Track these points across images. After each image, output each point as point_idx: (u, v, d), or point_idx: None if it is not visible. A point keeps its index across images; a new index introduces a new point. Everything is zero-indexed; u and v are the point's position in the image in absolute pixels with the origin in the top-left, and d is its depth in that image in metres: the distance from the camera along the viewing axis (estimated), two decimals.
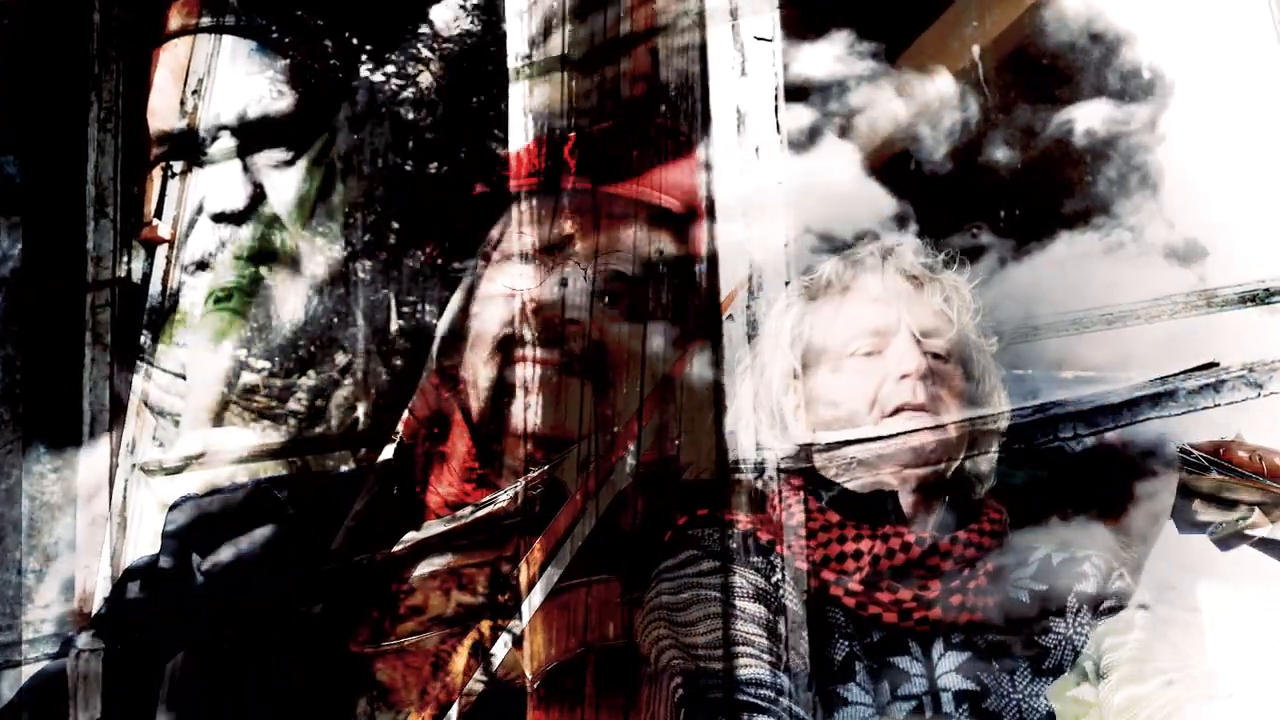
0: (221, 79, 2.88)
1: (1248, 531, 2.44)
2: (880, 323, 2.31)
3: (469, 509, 2.41)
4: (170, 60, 2.87)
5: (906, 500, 2.27)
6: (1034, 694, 2.24)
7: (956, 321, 2.33)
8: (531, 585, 2.26)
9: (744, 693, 2.14)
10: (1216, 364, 2.26)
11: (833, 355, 2.32)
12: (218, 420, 2.90)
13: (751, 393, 2.34)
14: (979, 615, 2.26)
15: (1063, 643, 2.28)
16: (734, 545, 2.25)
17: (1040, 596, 2.30)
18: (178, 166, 2.83)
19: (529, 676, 2.26)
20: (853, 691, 2.19)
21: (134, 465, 2.74)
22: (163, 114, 2.86)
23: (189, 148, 2.85)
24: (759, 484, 2.29)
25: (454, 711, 2.26)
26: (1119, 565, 2.34)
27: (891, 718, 2.19)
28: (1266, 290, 2.35)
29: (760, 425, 2.33)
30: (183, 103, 2.85)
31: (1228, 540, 2.45)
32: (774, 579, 2.24)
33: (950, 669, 2.23)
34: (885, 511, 2.26)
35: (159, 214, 2.81)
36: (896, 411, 2.27)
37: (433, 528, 2.42)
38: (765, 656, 2.17)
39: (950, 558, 2.25)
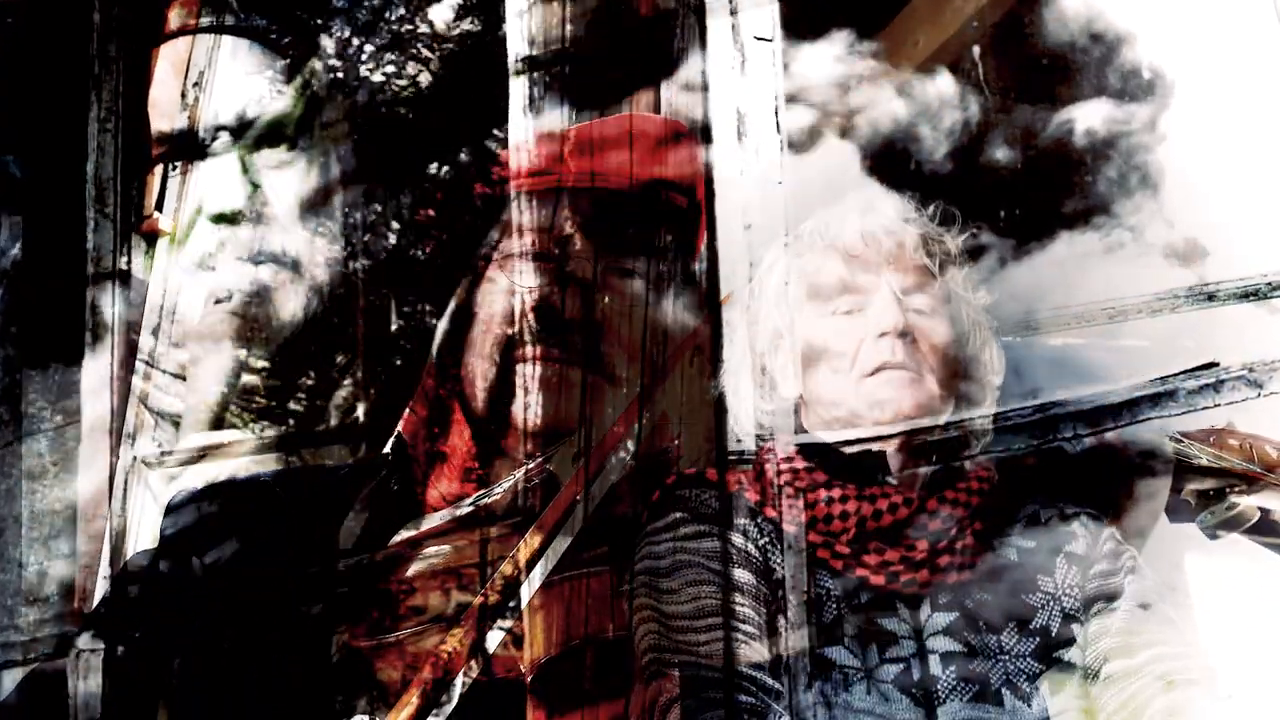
0: (222, 72, 2.88)
1: (1238, 519, 2.44)
2: (861, 280, 2.29)
3: (467, 502, 2.41)
4: (171, 53, 2.87)
5: (893, 460, 2.26)
6: (1021, 655, 2.23)
7: (939, 276, 2.32)
8: (528, 577, 2.26)
9: (738, 674, 2.13)
10: (1216, 364, 2.25)
11: (822, 339, 2.31)
12: (218, 422, 2.90)
13: (745, 367, 2.34)
14: (966, 575, 2.24)
15: (1050, 602, 2.26)
16: (722, 506, 2.24)
17: (1028, 554, 2.29)
18: (179, 160, 2.84)
19: (526, 669, 2.25)
20: (840, 654, 2.18)
21: (134, 462, 2.74)
22: (164, 106, 2.86)
23: (190, 141, 2.85)
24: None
25: (450, 706, 2.25)
26: (1111, 525, 2.34)
27: (879, 680, 2.18)
28: (1269, 284, 2.35)
29: (752, 389, 2.32)
30: (184, 95, 2.85)
31: (1217, 529, 2.44)
32: (762, 542, 2.23)
33: (938, 630, 2.21)
34: (872, 472, 2.25)
35: (160, 206, 2.81)
36: (876, 371, 2.25)
37: (430, 521, 2.43)
38: (750, 629, 2.16)
39: (938, 518, 2.24)
